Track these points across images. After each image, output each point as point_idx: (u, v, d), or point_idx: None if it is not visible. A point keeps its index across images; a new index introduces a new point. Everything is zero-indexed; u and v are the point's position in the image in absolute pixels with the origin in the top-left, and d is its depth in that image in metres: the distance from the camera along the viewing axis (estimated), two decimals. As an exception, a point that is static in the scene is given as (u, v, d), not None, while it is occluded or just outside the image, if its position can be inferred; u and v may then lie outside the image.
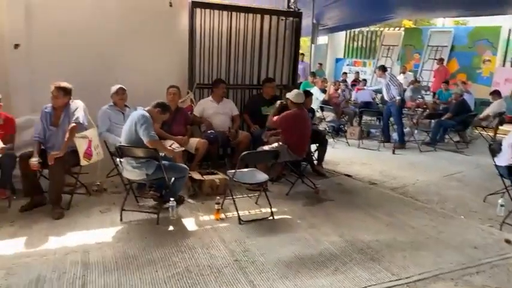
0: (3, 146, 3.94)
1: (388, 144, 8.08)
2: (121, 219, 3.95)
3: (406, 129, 8.62)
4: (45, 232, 3.63)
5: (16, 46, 4.77)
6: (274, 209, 4.21)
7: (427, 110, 9.61)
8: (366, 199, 4.94)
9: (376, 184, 5.59)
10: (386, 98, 8.28)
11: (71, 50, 5.01)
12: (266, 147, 4.89)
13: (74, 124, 4.15)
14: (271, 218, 4.15)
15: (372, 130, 9.34)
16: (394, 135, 8.33)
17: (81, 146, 4.21)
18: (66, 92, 4.24)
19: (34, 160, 3.92)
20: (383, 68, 8.34)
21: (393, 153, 7.52)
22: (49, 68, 4.82)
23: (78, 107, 4.31)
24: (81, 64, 5.04)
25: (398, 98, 7.92)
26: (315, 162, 5.90)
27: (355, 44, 16.69)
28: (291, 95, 5.01)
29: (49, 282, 2.86)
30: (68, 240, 3.50)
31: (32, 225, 3.75)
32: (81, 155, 4.20)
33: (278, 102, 5.31)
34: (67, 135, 4.10)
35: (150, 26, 5.50)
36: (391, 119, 8.39)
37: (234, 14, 5.94)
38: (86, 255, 3.25)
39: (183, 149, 4.87)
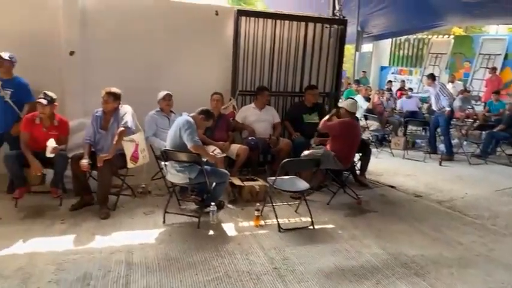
0: (56, 146, 4.16)
1: (434, 156, 7.79)
2: (164, 222, 4.04)
3: (454, 141, 8.26)
4: (93, 231, 3.78)
5: (71, 53, 5.07)
6: (314, 219, 4.16)
7: (477, 121, 9.17)
8: (411, 212, 4.77)
9: (422, 197, 5.39)
10: (435, 108, 8.00)
11: (121, 58, 5.29)
12: (308, 152, 4.85)
13: (122, 128, 4.32)
14: (311, 227, 4.10)
15: (418, 140, 9.04)
16: (441, 147, 8.01)
17: (129, 149, 4.37)
18: (116, 97, 4.42)
19: (84, 161, 4.11)
20: (432, 77, 8.05)
21: (440, 165, 7.23)
22: (101, 74, 5.11)
23: (127, 112, 4.48)
24: (131, 71, 5.30)
25: (448, 109, 7.62)
26: (358, 172, 5.78)
27: (401, 52, 16.27)
28: (345, 104, 4.98)
29: (95, 279, 2.97)
30: (113, 240, 3.62)
31: (80, 224, 3.92)
32: (128, 158, 4.35)
33: (334, 110, 5.30)
34: (116, 138, 4.27)
35: (196, 35, 5.68)
36: (438, 129, 8.07)
37: (278, 21, 5.98)
38: (129, 255, 3.35)
39: (225, 155, 4.93)
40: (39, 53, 4.95)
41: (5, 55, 4.45)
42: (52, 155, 4.13)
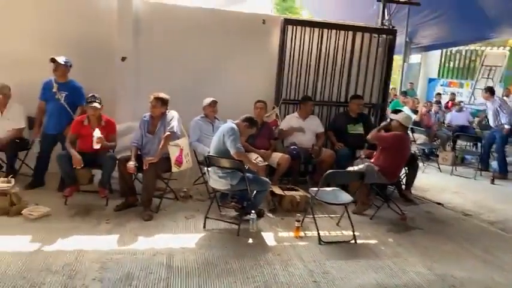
0: (101, 136, 4.30)
1: (485, 173, 7.37)
2: (204, 227, 4.08)
3: (509, 158, 7.79)
4: (136, 232, 3.88)
5: (123, 59, 5.27)
6: (356, 233, 4.04)
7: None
8: (459, 231, 4.54)
9: (471, 216, 5.11)
10: (492, 124, 7.60)
11: (170, 65, 5.48)
12: (352, 169, 4.73)
13: (168, 133, 4.42)
14: (353, 241, 3.99)
15: (467, 156, 8.62)
16: (494, 164, 7.57)
17: (173, 153, 4.46)
18: (164, 103, 4.53)
19: (131, 164, 4.24)
20: (491, 91, 7.64)
21: (492, 183, 6.83)
22: (150, 80, 5.30)
23: (173, 117, 4.58)
24: (179, 77, 5.49)
25: (508, 127, 7.22)
26: (403, 186, 5.58)
27: (452, 63, 15.64)
28: (400, 117, 4.78)
29: (137, 280, 3.03)
30: (156, 242, 3.69)
31: (125, 224, 4.03)
32: (172, 162, 4.44)
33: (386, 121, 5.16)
34: (162, 142, 4.38)
35: (242, 43, 5.77)
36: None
37: (325, 31, 5.93)
38: (170, 258, 3.40)
39: (266, 163, 4.92)
40: (93, 58, 5.21)
41: (61, 59, 4.69)
42: (98, 146, 4.30)
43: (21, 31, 5.10)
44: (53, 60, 4.64)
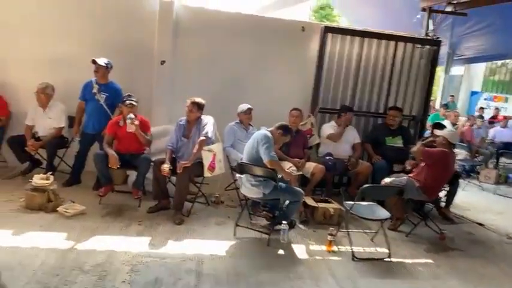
0: (134, 117, 4.36)
1: (532, 194, 6.96)
2: (234, 234, 4.02)
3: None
4: (167, 235, 3.87)
5: (162, 62, 5.35)
6: (392, 250, 3.87)
7: None
8: (503, 255, 4.28)
9: (516, 239, 4.81)
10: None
11: (207, 70, 5.53)
12: (389, 180, 4.55)
13: (203, 138, 4.41)
14: (388, 259, 3.81)
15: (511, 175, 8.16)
16: (542, 185, 7.15)
17: (207, 158, 4.44)
18: (200, 107, 4.53)
19: (166, 166, 4.25)
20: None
21: (539, 205, 6.43)
22: (187, 83, 5.34)
23: (208, 122, 4.57)
24: (215, 83, 5.52)
25: None
26: (442, 204, 5.32)
27: (497, 76, 14.98)
28: (447, 134, 4.55)
29: (165, 285, 3.00)
30: (185, 247, 3.66)
31: (156, 227, 4.04)
32: (205, 167, 4.43)
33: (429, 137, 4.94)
34: (196, 147, 4.37)
35: (280, 49, 5.73)
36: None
37: (366, 39, 5.79)
38: (200, 265, 3.36)
39: (300, 172, 4.82)
40: (133, 60, 5.33)
41: (102, 61, 4.79)
42: (133, 129, 4.36)
43: (66, 34, 5.26)
44: (94, 62, 4.75)
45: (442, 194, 5.25)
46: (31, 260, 3.14)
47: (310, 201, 4.69)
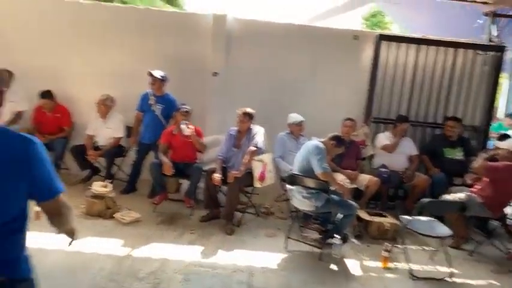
0: (187, 121, 4.51)
1: None
2: (286, 247, 3.95)
3: None
4: (218, 245, 3.89)
5: (215, 74, 5.45)
6: (454, 270, 3.63)
7: None
8: None
9: None
10: None
11: (258, 80, 5.56)
12: (450, 197, 4.28)
13: (253, 148, 4.42)
14: (449, 279, 3.58)
15: None
16: None
17: (257, 168, 4.43)
18: (250, 117, 4.56)
19: (217, 176, 4.30)
20: None
21: None
22: (238, 94, 5.38)
23: (258, 132, 4.58)
24: (266, 93, 5.53)
25: None
26: (509, 221, 4.92)
27: None
28: (510, 146, 4.29)
29: (217, 296, 3.01)
30: (236, 258, 3.66)
31: (207, 237, 4.07)
32: (255, 177, 4.41)
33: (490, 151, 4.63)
34: (246, 157, 4.38)
35: (332, 59, 5.65)
36: None
37: (423, 47, 5.57)
38: (250, 277, 3.33)
39: (354, 185, 4.68)
40: (188, 73, 5.48)
41: (157, 74, 4.96)
42: (189, 132, 4.49)
43: (126, 48, 5.52)
44: (150, 74, 4.93)
45: (509, 210, 4.88)
46: (91, 265, 3.27)
47: (364, 215, 4.52)
